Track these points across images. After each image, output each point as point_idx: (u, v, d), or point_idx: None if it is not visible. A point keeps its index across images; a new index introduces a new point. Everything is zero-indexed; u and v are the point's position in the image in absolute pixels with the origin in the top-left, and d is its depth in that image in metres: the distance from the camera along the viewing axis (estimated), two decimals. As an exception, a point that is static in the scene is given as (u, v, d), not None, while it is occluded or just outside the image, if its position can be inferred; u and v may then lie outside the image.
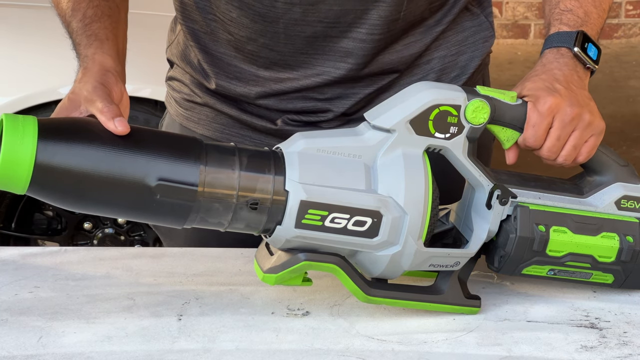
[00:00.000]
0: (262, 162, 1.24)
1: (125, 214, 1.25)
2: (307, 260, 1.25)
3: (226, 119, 1.60)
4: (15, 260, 1.50)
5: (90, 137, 1.20)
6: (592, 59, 1.42)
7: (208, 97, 1.60)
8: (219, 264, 1.49)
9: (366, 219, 1.23)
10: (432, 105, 1.26)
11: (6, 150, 1.17)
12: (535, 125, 1.32)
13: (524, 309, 1.35)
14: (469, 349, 1.25)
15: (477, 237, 1.31)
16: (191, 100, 1.63)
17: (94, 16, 1.43)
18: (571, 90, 1.36)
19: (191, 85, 1.62)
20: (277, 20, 1.48)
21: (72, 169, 1.18)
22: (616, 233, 1.34)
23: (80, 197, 1.21)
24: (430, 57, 1.57)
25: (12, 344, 1.24)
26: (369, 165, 1.25)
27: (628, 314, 1.35)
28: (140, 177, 1.20)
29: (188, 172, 1.21)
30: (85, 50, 1.39)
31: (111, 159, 1.19)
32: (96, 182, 1.19)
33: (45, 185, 1.19)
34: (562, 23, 1.45)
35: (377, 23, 1.48)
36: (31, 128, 1.18)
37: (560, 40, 1.43)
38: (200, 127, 1.62)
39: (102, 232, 3.35)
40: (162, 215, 1.23)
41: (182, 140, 1.26)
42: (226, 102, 1.59)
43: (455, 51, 1.59)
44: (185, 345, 1.24)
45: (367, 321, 1.31)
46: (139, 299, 1.36)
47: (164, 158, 1.21)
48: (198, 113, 1.63)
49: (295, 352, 1.23)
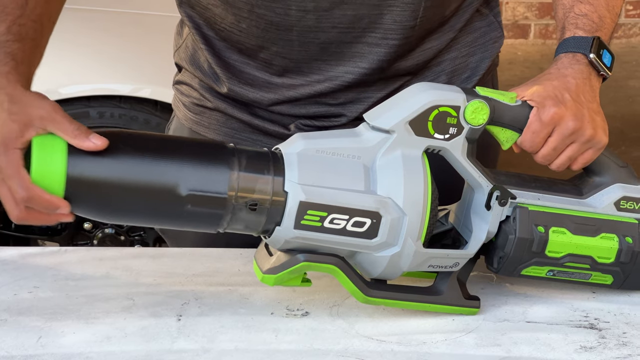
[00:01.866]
0: (261, 163, 1.24)
1: (159, 223, 1.27)
2: (306, 261, 1.25)
3: (237, 124, 1.59)
4: (15, 260, 1.50)
5: (119, 150, 1.20)
6: (607, 66, 1.42)
7: (219, 101, 1.59)
8: (218, 264, 1.49)
9: (365, 219, 1.23)
10: (431, 106, 1.26)
11: (37, 168, 1.18)
12: (535, 132, 1.32)
13: (523, 310, 1.35)
14: (468, 349, 1.25)
15: (476, 238, 1.31)
16: (201, 105, 1.62)
17: (17, 34, 1.36)
18: (579, 102, 1.35)
19: (201, 89, 1.61)
20: (290, 29, 1.46)
21: (103, 181, 1.19)
22: (615, 234, 1.34)
23: (112, 209, 1.22)
24: (442, 59, 1.56)
25: (11, 344, 1.24)
26: (368, 166, 1.25)
27: (627, 314, 1.35)
28: (171, 187, 1.20)
29: (217, 180, 1.22)
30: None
31: (140, 171, 1.20)
32: (127, 194, 1.20)
33: (78, 199, 1.20)
34: (577, 27, 1.44)
35: (392, 27, 1.46)
36: (60, 144, 1.19)
37: (576, 46, 1.42)
38: (210, 131, 1.61)
39: (102, 232, 3.34)
40: (195, 222, 1.24)
41: (209, 146, 1.26)
42: (237, 107, 1.58)
43: (466, 52, 1.58)
44: (185, 346, 1.25)
45: (366, 322, 1.31)
46: (138, 299, 1.36)
47: (192, 167, 1.21)
48: (208, 117, 1.61)
49: (295, 353, 1.23)
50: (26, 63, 1.36)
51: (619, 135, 4.97)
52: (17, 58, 1.34)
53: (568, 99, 1.34)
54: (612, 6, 1.47)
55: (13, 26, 1.36)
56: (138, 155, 1.20)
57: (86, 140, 1.20)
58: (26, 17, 1.37)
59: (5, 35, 1.35)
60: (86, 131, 1.21)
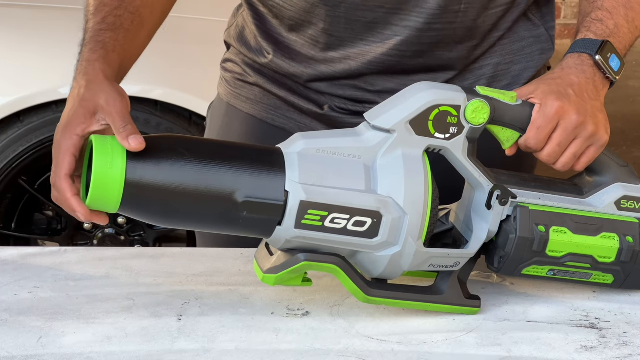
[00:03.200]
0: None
1: (213, 228, 1.27)
2: (307, 260, 1.25)
3: (274, 100, 1.62)
4: (15, 260, 1.49)
5: (177, 155, 1.21)
6: (614, 70, 1.42)
7: (259, 76, 1.62)
8: (218, 264, 1.49)
9: (366, 219, 1.23)
10: (432, 106, 1.26)
11: (97, 172, 1.19)
12: (539, 128, 1.32)
13: (523, 309, 1.35)
14: (468, 349, 1.25)
15: (476, 238, 1.31)
16: (242, 80, 1.65)
17: (111, 24, 1.42)
18: (582, 98, 1.35)
19: (243, 65, 1.65)
20: (338, 5, 1.49)
21: (160, 186, 1.20)
22: (616, 233, 1.34)
23: (168, 213, 1.23)
24: (484, 62, 1.57)
25: (11, 344, 1.24)
26: (369, 165, 1.25)
27: (628, 314, 1.35)
28: (227, 194, 1.21)
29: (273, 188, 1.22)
30: (89, 54, 1.39)
31: (198, 176, 1.21)
32: (184, 199, 1.21)
33: (136, 204, 1.21)
34: (589, 31, 1.45)
35: (435, 13, 1.48)
36: (119, 148, 1.20)
37: (583, 47, 1.42)
38: (247, 105, 1.65)
39: (102, 232, 3.35)
40: (250, 229, 1.25)
41: (264, 153, 1.26)
42: (276, 83, 1.61)
43: (510, 60, 1.58)
44: (185, 346, 1.24)
45: (367, 321, 1.31)
46: (138, 299, 1.36)
47: (249, 174, 1.22)
48: (247, 92, 1.65)
49: (295, 353, 1.23)
50: (118, 52, 1.40)
51: (620, 135, 4.97)
52: (108, 46, 1.39)
53: (571, 94, 1.34)
54: (631, 18, 1.48)
55: (108, 17, 1.42)
56: (196, 162, 1.21)
57: (124, 140, 1.22)
58: (123, 9, 1.43)
59: (100, 25, 1.41)
60: (130, 131, 1.23)
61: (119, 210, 1.21)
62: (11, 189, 3.25)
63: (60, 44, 3.17)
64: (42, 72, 3.19)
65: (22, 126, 3.17)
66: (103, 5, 1.43)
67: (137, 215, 1.23)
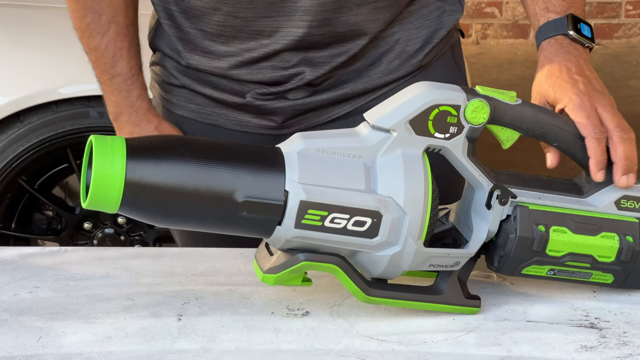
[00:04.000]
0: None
1: (213, 228, 1.26)
2: (307, 260, 1.25)
3: (201, 99, 1.67)
4: (15, 260, 1.50)
5: (177, 155, 1.21)
6: (588, 37, 1.46)
7: (184, 77, 1.67)
8: (218, 264, 1.49)
9: (366, 219, 1.23)
10: (431, 105, 1.26)
11: (97, 172, 1.19)
12: (589, 117, 1.35)
13: (523, 309, 1.35)
14: (468, 349, 1.25)
15: (476, 237, 1.31)
16: (170, 83, 1.69)
17: (136, 66, 1.62)
18: (586, 77, 1.39)
19: (170, 68, 1.69)
20: None
21: (160, 186, 1.20)
22: (616, 233, 1.34)
23: (168, 213, 1.23)
24: (395, 29, 1.61)
25: (11, 344, 1.24)
26: (369, 165, 1.25)
27: (628, 314, 1.35)
28: (227, 194, 1.21)
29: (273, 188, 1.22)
30: (138, 101, 1.63)
31: (198, 176, 1.20)
32: (183, 199, 1.21)
33: (136, 204, 1.21)
34: (549, 11, 1.48)
35: None
36: (120, 148, 1.20)
37: (553, 29, 1.45)
38: (179, 108, 1.69)
39: (102, 232, 3.35)
40: (250, 229, 1.24)
41: (264, 153, 1.26)
42: (200, 82, 1.65)
43: (420, 25, 1.63)
44: (185, 346, 1.25)
45: (367, 321, 1.31)
46: (138, 299, 1.36)
47: (248, 174, 1.22)
48: (176, 95, 1.69)
49: (295, 352, 1.23)
50: (140, 69, 1.67)
51: (620, 135, 4.95)
52: (144, 84, 1.67)
53: (578, 79, 1.39)
54: None
55: (131, 59, 1.65)
56: (196, 161, 1.21)
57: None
58: (115, 33, 1.65)
59: (130, 71, 1.64)
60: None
61: (118, 211, 1.21)
62: (11, 189, 3.25)
63: (60, 43, 3.18)
64: (42, 72, 3.20)
65: (22, 126, 3.17)
66: (119, 50, 1.63)
67: (137, 215, 1.23)
